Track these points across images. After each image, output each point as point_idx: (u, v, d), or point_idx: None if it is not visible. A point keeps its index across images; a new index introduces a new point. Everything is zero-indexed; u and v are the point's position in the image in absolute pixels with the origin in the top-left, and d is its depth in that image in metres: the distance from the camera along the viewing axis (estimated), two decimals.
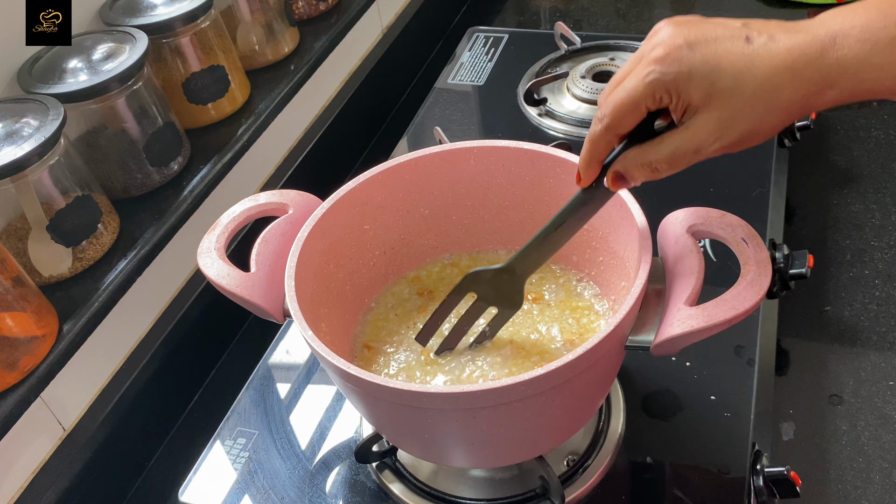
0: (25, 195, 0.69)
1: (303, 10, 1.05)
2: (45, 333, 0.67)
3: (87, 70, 0.74)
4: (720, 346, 0.69)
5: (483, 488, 0.63)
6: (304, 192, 0.64)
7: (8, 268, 0.65)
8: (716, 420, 0.65)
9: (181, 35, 0.83)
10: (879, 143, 0.99)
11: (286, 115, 0.96)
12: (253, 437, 0.69)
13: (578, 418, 0.59)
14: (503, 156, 0.64)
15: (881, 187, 0.93)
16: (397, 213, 0.66)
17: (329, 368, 0.52)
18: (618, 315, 0.49)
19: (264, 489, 0.65)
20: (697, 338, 0.50)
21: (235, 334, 0.90)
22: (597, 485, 0.63)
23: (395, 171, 0.64)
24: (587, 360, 0.48)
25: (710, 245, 0.77)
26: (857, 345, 0.78)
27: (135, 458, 0.79)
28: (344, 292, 0.64)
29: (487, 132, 1.01)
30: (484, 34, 1.17)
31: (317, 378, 0.74)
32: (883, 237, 0.88)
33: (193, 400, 0.84)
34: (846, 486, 0.68)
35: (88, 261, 0.74)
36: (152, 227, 0.78)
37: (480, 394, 0.47)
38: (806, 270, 0.74)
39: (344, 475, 0.66)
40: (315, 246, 0.60)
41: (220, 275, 0.57)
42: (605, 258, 0.62)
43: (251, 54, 0.97)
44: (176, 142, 0.83)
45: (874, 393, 0.74)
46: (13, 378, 0.65)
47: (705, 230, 0.54)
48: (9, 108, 0.69)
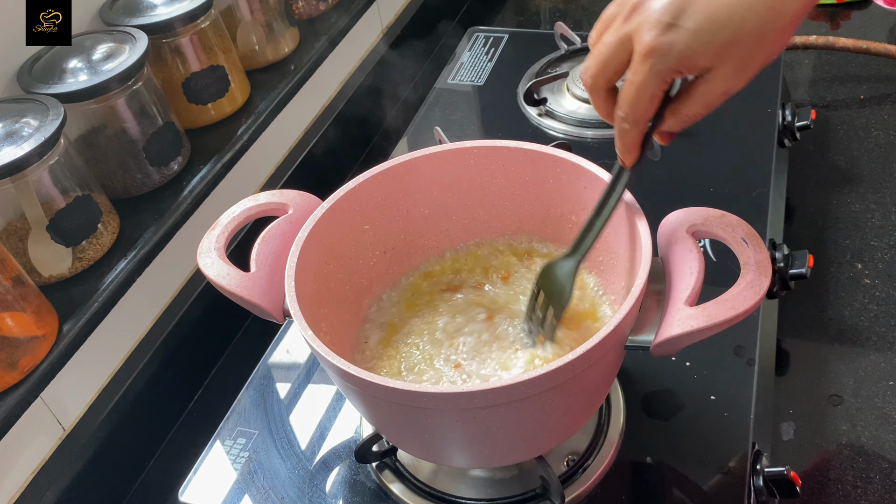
0: (25, 195, 0.69)
1: (303, 10, 1.05)
2: (45, 333, 0.67)
3: (87, 70, 0.74)
4: (720, 346, 0.69)
5: (483, 488, 0.63)
6: (304, 192, 0.64)
7: (8, 268, 0.65)
8: (716, 420, 0.65)
9: (181, 35, 0.83)
10: (879, 143, 0.99)
11: (286, 115, 0.96)
12: (253, 437, 0.69)
13: (578, 418, 0.59)
14: (503, 156, 0.64)
15: (881, 187, 0.93)
16: (397, 213, 0.66)
17: (329, 368, 0.52)
18: (618, 315, 0.49)
19: (264, 489, 0.65)
20: (697, 338, 0.50)
21: (235, 334, 0.90)
22: (597, 485, 0.63)
23: (395, 171, 0.64)
24: (587, 360, 0.48)
25: (710, 245, 0.77)
26: (857, 345, 0.78)
27: (135, 458, 0.79)
28: (344, 292, 0.64)
29: (487, 132, 1.01)
30: (484, 34, 1.17)
31: (317, 378, 0.74)
32: (883, 237, 0.88)
33: (193, 400, 0.84)
34: (846, 486, 0.68)
35: (88, 261, 0.74)
36: (152, 227, 0.78)
37: (480, 394, 0.47)
38: (806, 270, 0.74)
39: (344, 475, 0.66)
40: (315, 246, 0.60)
41: (219, 275, 0.57)
42: (605, 258, 0.62)
43: (251, 54, 0.97)
44: (176, 142, 0.83)
45: (874, 393, 0.74)
46: (13, 378, 0.65)
47: (705, 230, 0.54)
48: (9, 108, 0.69)
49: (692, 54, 0.43)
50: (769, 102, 0.94)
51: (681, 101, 0.47)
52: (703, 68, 0.45)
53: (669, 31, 0.43)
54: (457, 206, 0.67)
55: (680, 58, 0.44)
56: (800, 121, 0.91)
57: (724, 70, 0.44)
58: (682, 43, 0.43)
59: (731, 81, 0.45)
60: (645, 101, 0.46)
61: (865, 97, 1.06)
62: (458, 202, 0.67)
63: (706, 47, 0.43)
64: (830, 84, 1.09)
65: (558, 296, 0.57)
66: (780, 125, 0.92)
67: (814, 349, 0.79)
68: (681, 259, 0.53)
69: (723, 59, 0.44)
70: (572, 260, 0.56)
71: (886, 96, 1.06)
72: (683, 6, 0.43)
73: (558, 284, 0.57)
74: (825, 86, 1.09)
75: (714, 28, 0.42)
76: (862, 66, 1.11)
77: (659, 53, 0.44)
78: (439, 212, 0.67)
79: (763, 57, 0.44)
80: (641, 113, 0.47)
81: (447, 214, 0.68)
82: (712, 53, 0.43)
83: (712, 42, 0.43)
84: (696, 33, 0.43)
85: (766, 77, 0.98)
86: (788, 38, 0.44)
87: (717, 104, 0.47)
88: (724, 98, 0.46)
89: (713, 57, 0.44)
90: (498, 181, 0.65)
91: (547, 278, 0.58)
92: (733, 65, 0.44)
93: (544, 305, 0.58)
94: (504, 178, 0.65)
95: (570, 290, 0.56)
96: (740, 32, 0.42)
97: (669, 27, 0.43)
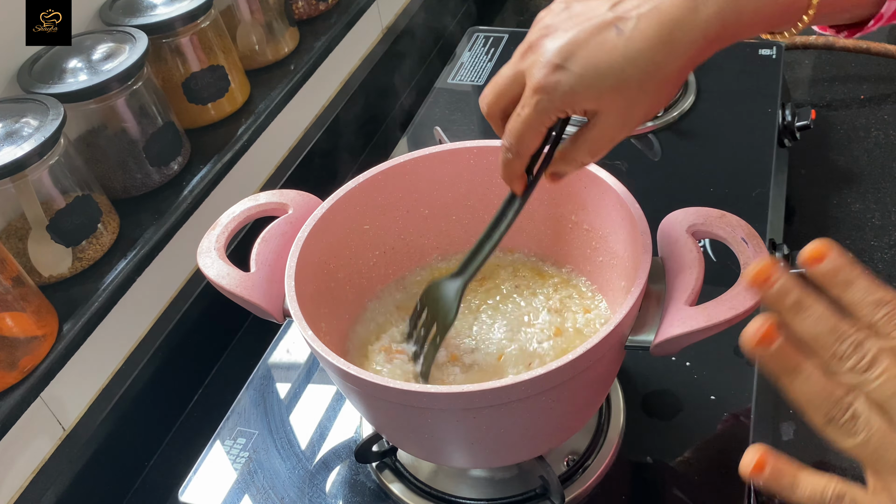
0: (25, 195, 0.69)
1: (303, 10, 1.05)
2: (45, 333, 0.67)
3: (87, 70, 0.74)
4: (720, 346, 0.69)
5: (483, 488, 0.63)
6: (304, 192, 0.64)
7: (8, 268, 0.65)
8: (716, 420, 0.65)
9: (181, 35, 0.83)
10: (879, 143, 0.99)
11: (286, 115, 0.96)
12: (253, 437, 0.69)
13: (578, 418, 0.59)
14: None
15: (881, 187, 0.93)
16: (397, 213, 0.66)
17: (329, 368, 0.52)
18: (618, 315, 0.49)
19: (264, 489, 0.65)
20: (697, 338, 0.50)
21: (235, 334, 0.90)
22: (597, 485, 0.63)
23: (395, 171, 0.64)
24: (587, 360, 0.48)
25: (710, 245, 0.77)
26: None
27: (135, 458, 0.79)
28: (344, 292, 0.64)
29: (487, 132, 1.01)
30: (484, 34, 1.17)
31: (317, 378, 0.74)
32: (883, 237, 0.88)
33: (193, 400, 0.84)
34: None
35: (88, 261, 0.74)
36: (152, 227, 0.78)
37: (480, 394, 0.47)
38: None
39: (344, 475, 0.66)
40: (315, 246, 0.60)
41: (219, 275, 0.57)
42: (605, 258, 0.62)
43: (251, 54, 0.97)
44: (176, 142, 0.83)
45: None
46: (13, 378, 0.65)
47: (705, 230, 0.54)
48: (9, 108, 0.69)
49: (575, 95, 0.45)
50: (769, 102, 0.94)
51: (569, 145, 0.50)
52: (587, 111, 0.47)
53: (557, 71, 0.45)
54: (457, 206, 0.67)
55: (564, 98, 0.46)
56: (800, 121, 0.91)
57: (607, 117, 0.46)
58: (566, 84, 0.45)
59: (615, 129, 0.47)
60: (530, 134, 0.48)
61: (865, 97, 1.06)
62: (458, 202, 0.67)
63: (589, 91, 0.45)
64: (830, 84, 1.09)
65: (443, 315, 0.58)
66: (780, 125, 0.92)
67: None
68: (681, 259, 0.53)
69: (606, 104, 0.46)
70: (460, 280, 0.57)
71: (886, 96, 1.06)
72: (572, 50, 0.45)
73: (444, 303, 0.57)
74: (825, 86, 1.09)
75: (597, 74, 0.45)
76: (862, 66, 1.11)
77: (545, 91, 0.46)
78: (439, 212, 0.67)
79: (645, 107, 0.46)
80: (525, 146, 0.49)
81: (447, 214, 0.68)
82: (594, 97, 0.45)
83: (595, 86, 0.45)
84: (580, 77, 0.45)
85: (766, 77, 0.98)
86: (670, 93, 0.47)
87: (602, 152, 0.49)
88: (608, 146, 0.48)
89: (595, 101, 0.46)
90: (498, 181, 0.65)
91: (431, 297, 0.59)
92: (616, 112, 0.46)
93: (427, 324, 0.59)
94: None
95: (456, 310, 0.57)
96: (621, 81, 0.45)
97: (558, 68, 0.45)
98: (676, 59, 0.44)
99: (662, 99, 0.47)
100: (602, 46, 0.44)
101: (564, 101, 0.46)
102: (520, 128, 0.48)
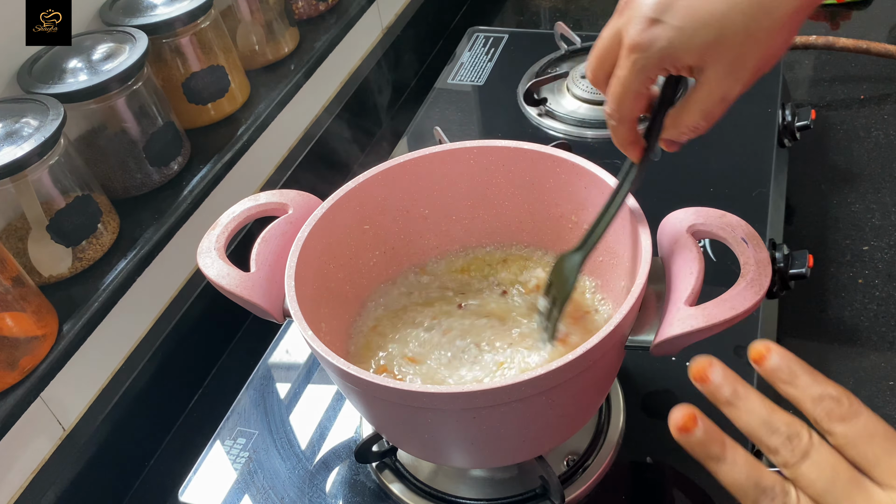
0: (25, 195, 0.69)
1: (303, 10, 1.05)
2: (45, 333, 0.67)
3: (87, 70, 0.74)
4: (720, 346, 0.69)
5: (483, 488, 0.63)
6: (304, 192, 0.64)
7: (8, 268, 0.65)
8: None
9: (181, 35, 0.83)
10: (879, 143, 0.99)
11: (286, 115, 0.96)
12: (253, 437, 0.69)
13: (578, 418, 0.59)
14: (503, 156, 0.64)
15: (881, 187, 0.93)
16: (397, 213, 0.66)
17: (329, 368, 0.52)
18: (618, 315, 0.49)
19: (264, 489, 0.65)
20: (697, 338, 0.50)
21: (235, 334, 0.90)
22: (597, 485, 0.63)
23: (395, 171, 0.64)
24: (587, 360, 0.48)
25: (710, 245, 0.77)
26: (857, 345, 0.78)
27: (135, 458, 0.79)
28: (344, 292, 0.64)
29: (487, 132, 1.01)
30: (484, 34, 1.17)
31: (317, 378, 0.74)
32: (883, 237, 0.88)
33: (193, 400, 0.84)
34: None
35: (88, 261, 0.74)
36: (152, 227, 0.78)
37: (480, 394, 0.47)
38: (806, 270, 0.74)
39: (344, 475, 0.66)
40: (315, 246, 0.60)
41: (219, 275, 0.57)
42: (605, 258, 0.62)
43: (251, 54, 0.97)
44: (176, 142, 0.83)
45: (874, 393, 0.74)
46: (13, 378, 0.65)
47: (705, 230, 0.54)
48: (9, 108, 0.69)
49: (674, 51, 0.43)
50: (769, 102, 0.94)
51: (680, 108, 0.47)
52: (690, 67, 0.44)
53: (654, 26, 0.43)
54: (457, 206, 0.67)
55: (662, 54, 0.43)
56: (800, 121, 0.91)
57: (713, 72, 0.43)
58: (664, 39, 0.42)
59: (724, 85, 0.44)
60: (630, 97, 0.45)
61: (865, 97, 1.06)
62: (458, 202, 0.67)
63: (689, 44, 0.42)
64: (830, 84, 1.09)
65: (560, 288, 0.57)
66: (780, 125, 0.92)
67: (813, 349, 0.78)
68: (681, 259, 0.53)
69: (710, 58, 0.43)
70: (579, 254, 0.56)
71: (886, 96, 1.06)
72: (670, 3, 0.42)
73: (562, 277, 0.57)
74: (825, 86, 1.09)
75: (697, 25, 0.42)
76: (862, 66, 1.11)
77: (641, 48, 0.43)
78: (439, 212, 0.67)
79: (755, 59, 0.43)
80: (627, 110, 0.46)
81: (447, 214, 0.68)
82: (696, 52, 0.42)
83: (695, 39, 0.42)
84: (679, 30, 0.42)
85: (766, 77, 0.97)
86: (784, 41, 0.43)
87: (716, 113, 0.46)
88: (721, 105, 0.45)
89: (698, 56, 0.43)
90: (498, 181, 0.65)
91: (556, 271, 0.58)
92: (723, 66, 0.43)
93: (552, 297, 0.58)
94: (504, 178, 0.65)
95: (573, 283, 0.56)
96: (724, 30, 0.41)
97: (654, 22, 0.42)
98: (785, 2, 0.41)
99: (775, 48, 0.42)
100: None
101: (663, 57, 0.43)
102: (619, 90, 0.45)
